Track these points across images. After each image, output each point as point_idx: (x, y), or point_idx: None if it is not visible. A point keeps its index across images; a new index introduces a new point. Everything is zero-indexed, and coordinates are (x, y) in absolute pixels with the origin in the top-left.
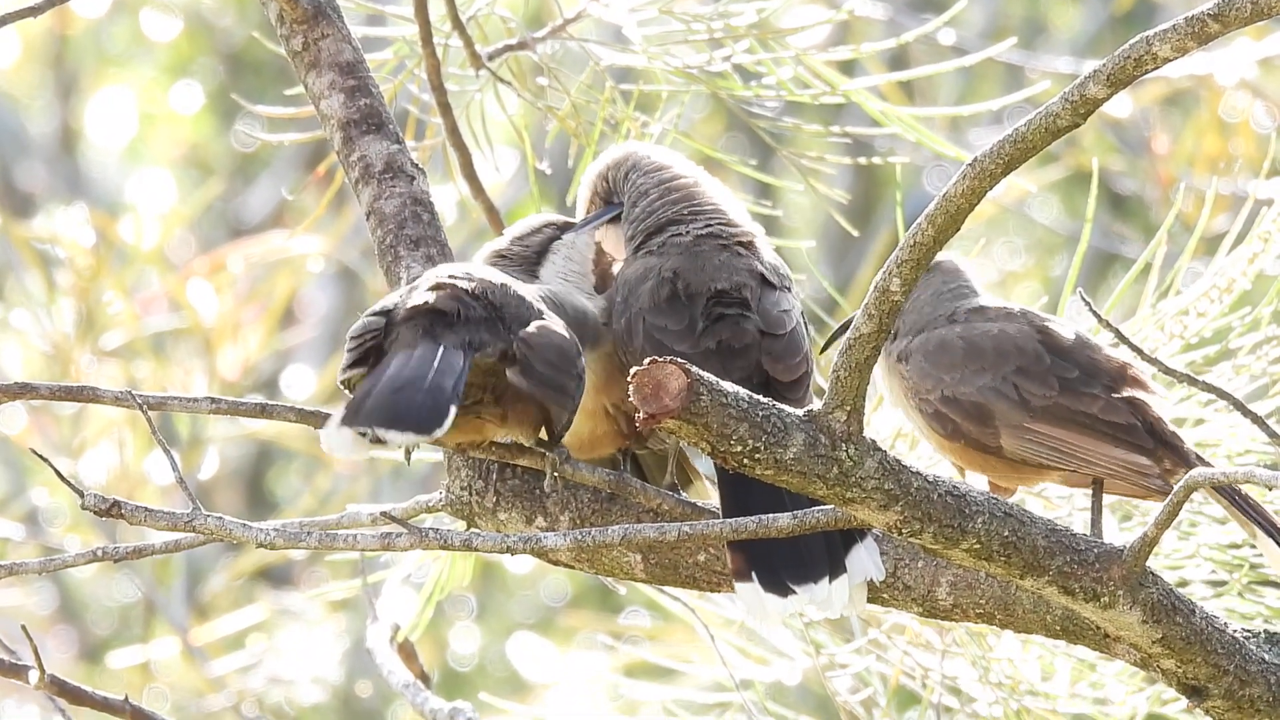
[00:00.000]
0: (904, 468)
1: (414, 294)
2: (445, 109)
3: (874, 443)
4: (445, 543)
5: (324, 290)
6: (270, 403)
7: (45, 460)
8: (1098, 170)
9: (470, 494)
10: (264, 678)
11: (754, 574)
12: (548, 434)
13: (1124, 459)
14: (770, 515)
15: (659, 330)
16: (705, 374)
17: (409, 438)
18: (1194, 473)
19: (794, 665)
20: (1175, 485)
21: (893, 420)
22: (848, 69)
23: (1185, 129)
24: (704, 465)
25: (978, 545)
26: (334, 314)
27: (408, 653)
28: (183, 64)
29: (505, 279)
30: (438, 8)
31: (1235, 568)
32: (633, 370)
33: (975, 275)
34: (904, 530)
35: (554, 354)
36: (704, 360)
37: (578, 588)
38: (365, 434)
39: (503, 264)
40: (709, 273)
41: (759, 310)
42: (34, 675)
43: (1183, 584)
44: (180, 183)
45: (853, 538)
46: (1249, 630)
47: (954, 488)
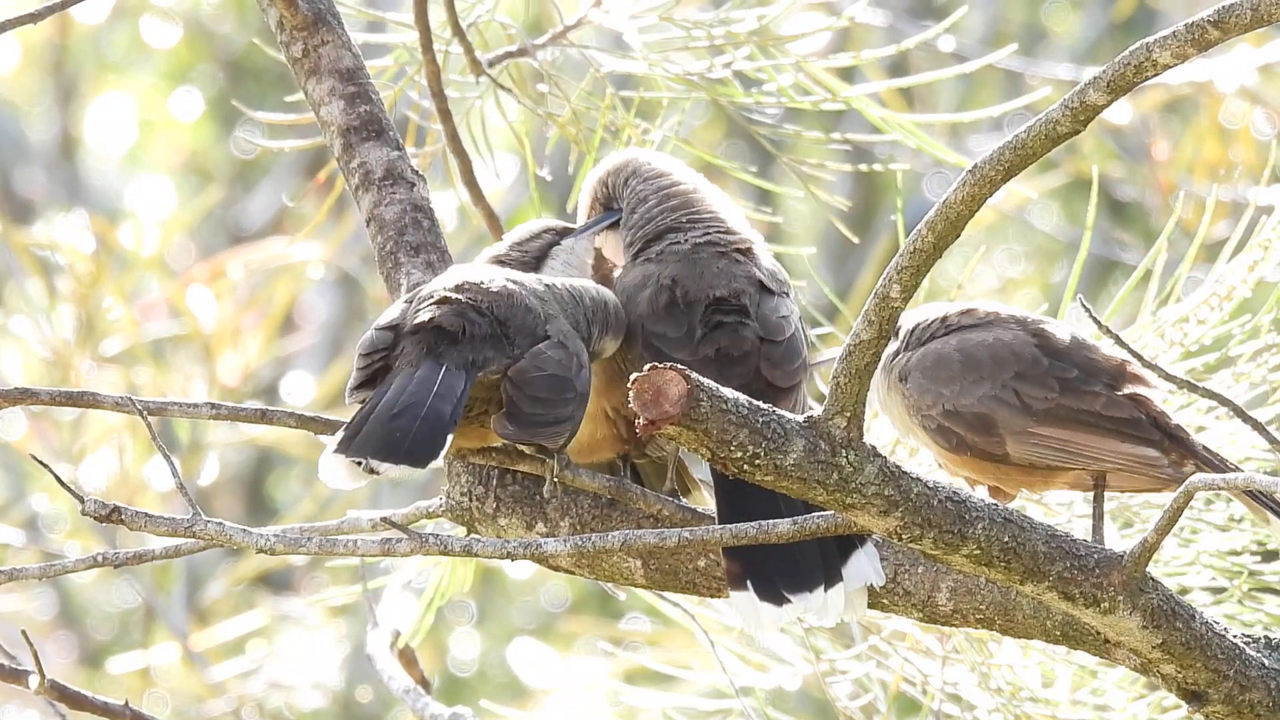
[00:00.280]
0: (904, 473)
1: (420, 307)
2: (445, 115)
3: (874, 448)
4: (445, 548)
5: (324, 297)
6: (270, 408)
7: (45, 466)
8: (1098, 177)
9: (470, 499)
10: (264, 683)
11: (749, 582)
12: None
13: (1132, 453)
14: (770, 521)
15: (657, 338)
16: (705, 380)
17: (403, 470)
18: (1194, 478)
19: (794, 671)
20: (1183, 481)
21: (892, 427)
22: (848, 76)
23: (1185, 135)
24: (701, 472)
25: (978, 551)
26: (334, 320)
27: (408, 658)
28: (182, 70)
29: (514, 287)
30: (438, 14)
31: (1235, 574)
32: (633, 376)
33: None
34: (904, 536)
35: (544, 388)
36: (702, 367)
37: (578, 593)
38: (360, 464)
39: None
40: (707, 280)
41: (758, 316)
42: (34, 680)
43: (1183, 590)
44: (180, 189)
45: (852, 543)
46: (1249, 636)
47: (954, 493)
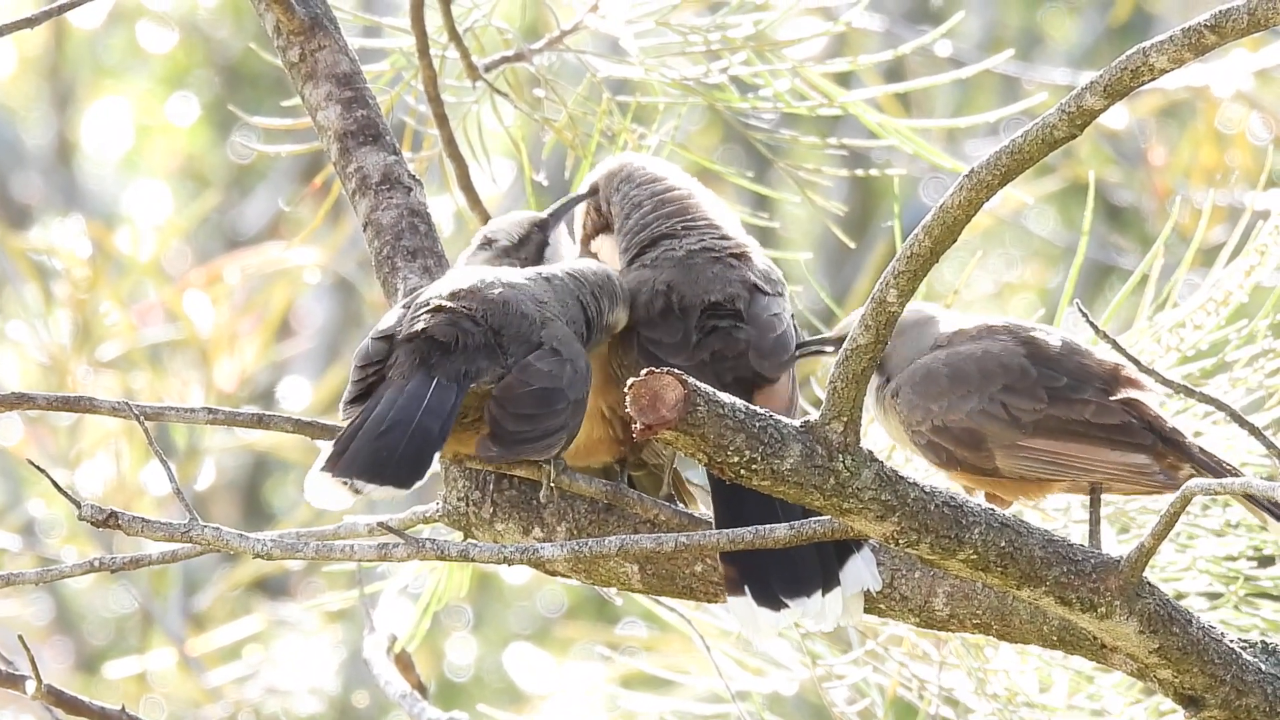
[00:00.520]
0: (901, 478)
1: (416, 315)
2: (442, 120)
3: (871, 453)
4: (442, 553)
5: (321, 301)
6: (267, 413)
7: (42, 471)
8: (1094, 182)
9: (467, 505)
10: (261, 688)
11: (746, 587)
12: None
13: (1121, 461)
14: (767, 526)
15: (653, 343)
16: (702, 385)
17: (387, 492)
18: (1191, 483)
19: (791, 676)
20: (1179, 485)
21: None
22: (844, 81)
23: (1182, 140)
24: (698, 476)
25: (975, 556)
26: (331, 325)
27: (404, 663)
28: (179, 75)
29: (510, 293)
30: (435, 19)
31: (1232, 579)
32: (629, 381)
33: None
34: (901, 541)
35: (530, 403)
36: (698, 372)
37: (574, 598)
38: (346, 483)
39: None
40: (702, 285)
41: (749, 317)
42: (31, 685)
43: (1179, 596)
44: (176, 194)
45: (849, 548)
46: (1245, 640)
47: (951, 498)
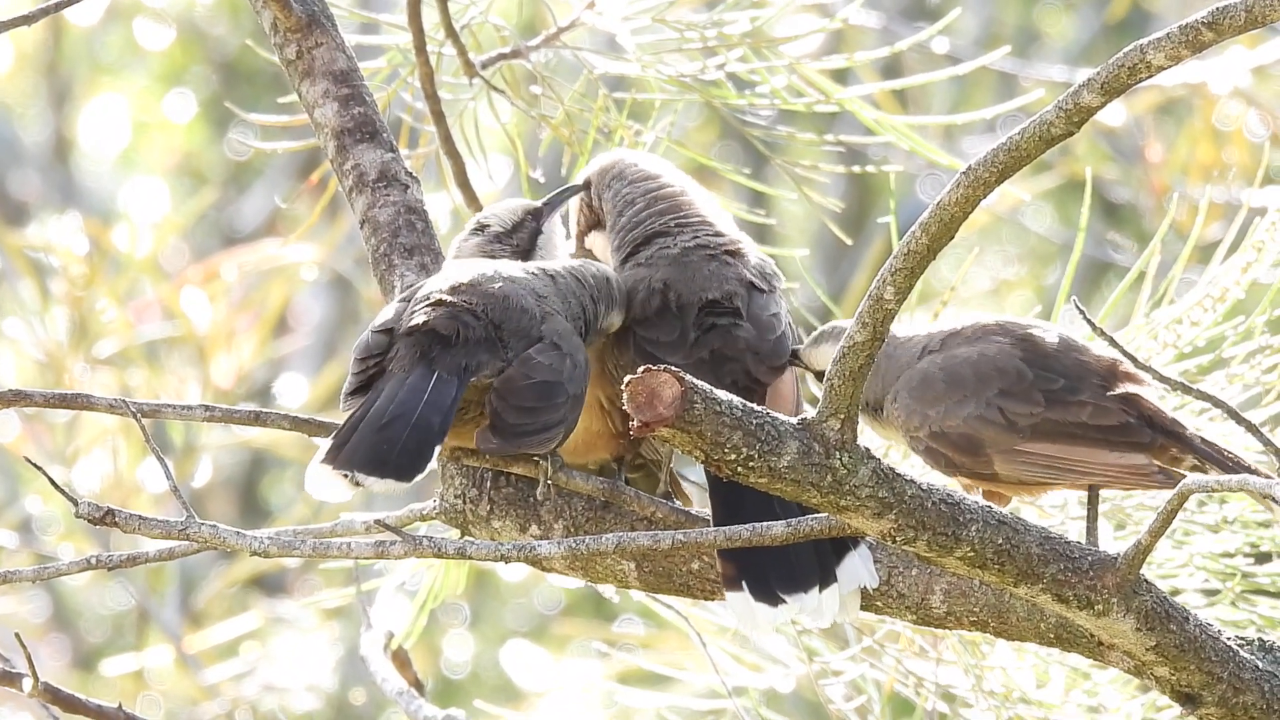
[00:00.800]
0: (898, 476)
1: (416, 309)
2: (439, 117)
3: (868, 451)
4: (439, 550)
5: (317, 298)
6: (264, 410)
7: (39, 468)
8: (1091, 178)
9: (464, 502)
10: (258, 685)
11: (744, 583)
12: None
13: (1119, 462)
14: (764, 524)
15: (650, 343)
16: (699, 383)
17: (388, 485)
18: (1188, 480)
19: (788, 672)
20: (1175, 483)
21: None
22: (841, 77)
23: (1179, 137)
24: (696, 474)
25: (972, 553)
26: (327, 322)
27: (401, 660)
28: (176, 72)
29: (510, 287)
30: (431, 16)
31: (1228, 576)
32: (627, 379)
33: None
34: (898, 538)
35: (531, 396)
36: (696, 370)
37: (571, 595)
38: (347, 476)
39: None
40: (699, 283)
41: (749, 316)
42: (28, 683)
43: (1176, 592)
44: (174, 191)
45: (846, 545)
46: (1242, 638)
47: (948, 496)
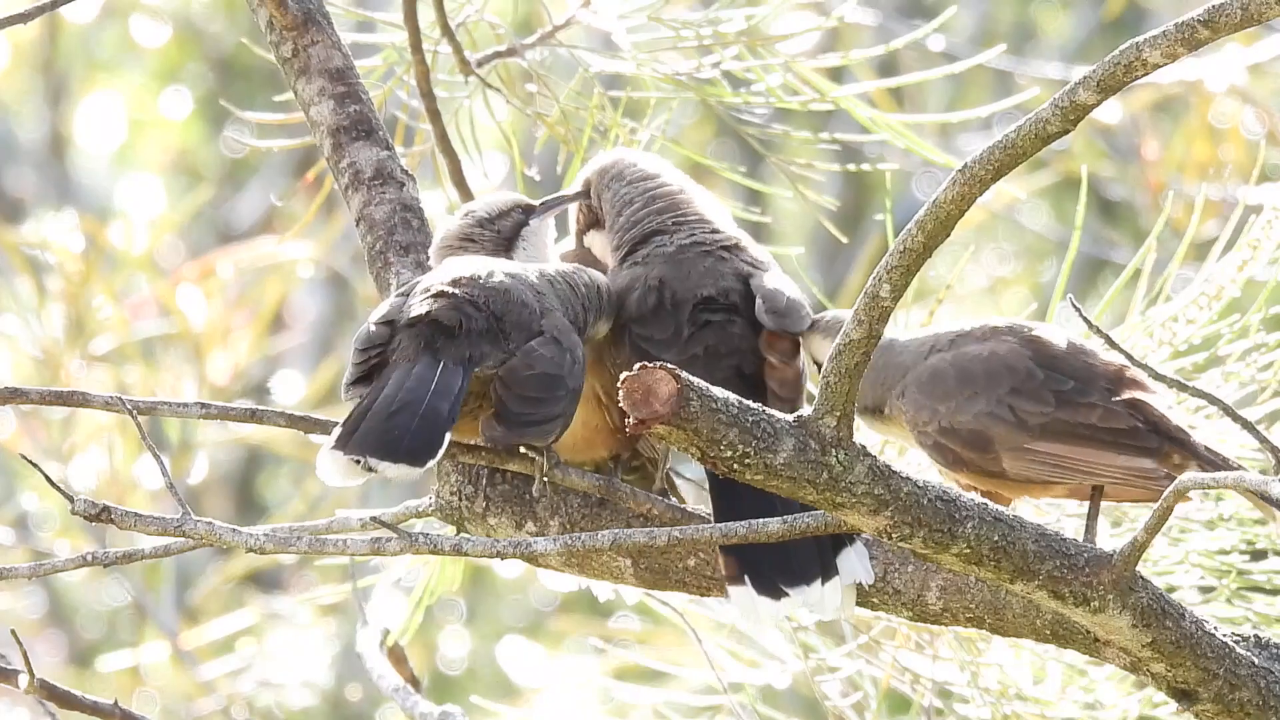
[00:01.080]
0: (894, 473)
1: (417, 300)
2: (435, 115)
3: (864, 448)
4: (435, 547)
5: (313, 296)
6: (260, 408)
7: (35, 465)
8: (1087, 176)
9: (460, 499)
10: (254, 682)
11: (746, 577)
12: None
13: (1127, 465)
14: (760, 520)
15: (645, 340)
16: (695, 379)
17: (401, 470)
18: (1184, 477)
19: (784, 669)
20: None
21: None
22: (837, 76)
23: (1175, 135)
24: (693, 471)
25: (968, 550)
26: (323, 319)
27: (397, 657)
28: (172, 70)
29: (510, 281)
30: (427, 14)
31: (1224, 574)
32: (622, 376)
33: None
34: (894, 535)
35: (535, 387)
36: (690, 366)
37: (567, 592)
38: (359, 461)
39: (471, 249)
40: (694, 279)
41: (757, 288)
42: (23, 679)
43: (1172, 590)
44: (170, 188)
45: (842, 541)
46: (1238, 634)
47: (944, 492)
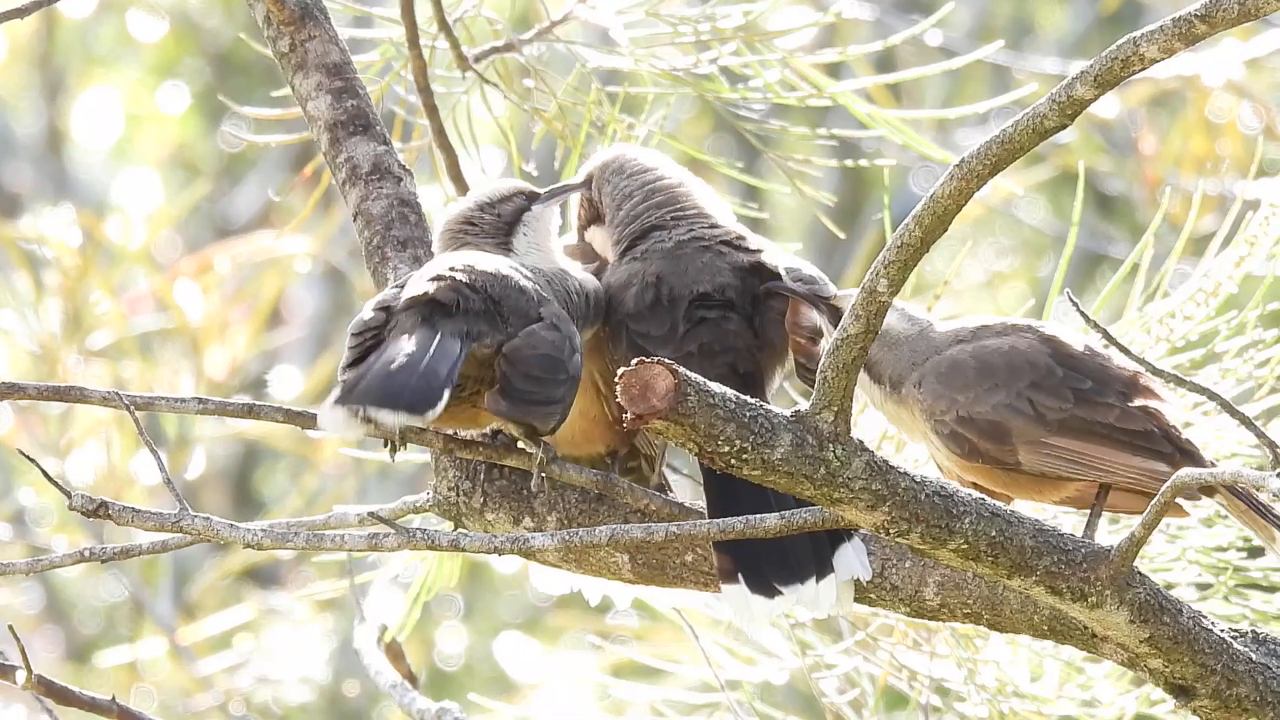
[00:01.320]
0: (891, 468)
1: (414, 284)
2: (432, 110)
3: (861, 443)
4: (433, 543)
5: (311, 290)
6: (257, 403)
7: (32, 460)
8: (1084, 171)
9: (457, 494)
10: (251, 677)
11: (740, 575)
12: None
13: (1143, 467)
14: (757, 516)
15: (641, 336)
16: (693, 375)
17: (401, 418)
18: (1181, 473)
19: (781, 665)
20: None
21: (879, 421)
22: (834, 71)
23: (1172, 130)
24: (690, 466)
25: (965, 545)
26: (321, 314)
27: (395, 652)
28: (169, 65)
29: (506, 270)
30: (424, 9)
31: (1221, 570)
32: (620, 371)
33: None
34: (891, 530)
35: (538, 366)
36: (684, 364)
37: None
38: (357, 412)
39: (472, 231)
40: (691, 276)
41: (783, 265)
42: (21, 675)
43: (1169, 586)
44: (167, 183)
45: (839, 537)
46: (1236, 630)
47: (941, 488)
